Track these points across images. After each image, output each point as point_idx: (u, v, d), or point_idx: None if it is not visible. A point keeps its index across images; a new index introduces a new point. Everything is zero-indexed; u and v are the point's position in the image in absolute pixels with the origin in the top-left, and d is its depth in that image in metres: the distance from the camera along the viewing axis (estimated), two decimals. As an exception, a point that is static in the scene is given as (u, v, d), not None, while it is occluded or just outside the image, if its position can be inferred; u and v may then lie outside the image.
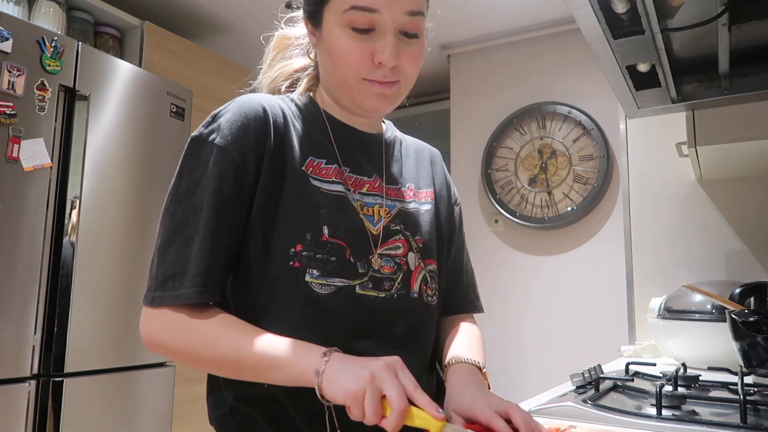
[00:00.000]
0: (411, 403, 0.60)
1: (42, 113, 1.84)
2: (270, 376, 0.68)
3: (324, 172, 0.80)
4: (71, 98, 1.96)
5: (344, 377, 0.61)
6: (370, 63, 0.76)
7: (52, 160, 1.86)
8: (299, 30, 0.91)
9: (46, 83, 1.85)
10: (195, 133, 0.76)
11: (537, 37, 2.97)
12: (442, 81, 3.35)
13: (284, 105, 0.82)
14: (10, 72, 1.75)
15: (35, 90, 1.82)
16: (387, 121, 0.95)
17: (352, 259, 0.77)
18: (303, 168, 0.78)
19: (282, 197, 0.76)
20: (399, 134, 0.96)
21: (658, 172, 1.74)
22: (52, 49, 1.87)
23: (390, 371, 0.61)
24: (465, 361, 0.81)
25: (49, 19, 2.20)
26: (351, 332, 0.76)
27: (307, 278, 0.74)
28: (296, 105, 0.84)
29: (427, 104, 3.68)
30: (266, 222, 0.76)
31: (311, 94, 0.87)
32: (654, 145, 1.75)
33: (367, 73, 0.76)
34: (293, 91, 0.88)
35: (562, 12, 2.78)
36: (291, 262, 0.74)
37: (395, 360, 0.63)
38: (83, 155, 1.96)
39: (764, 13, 0.99)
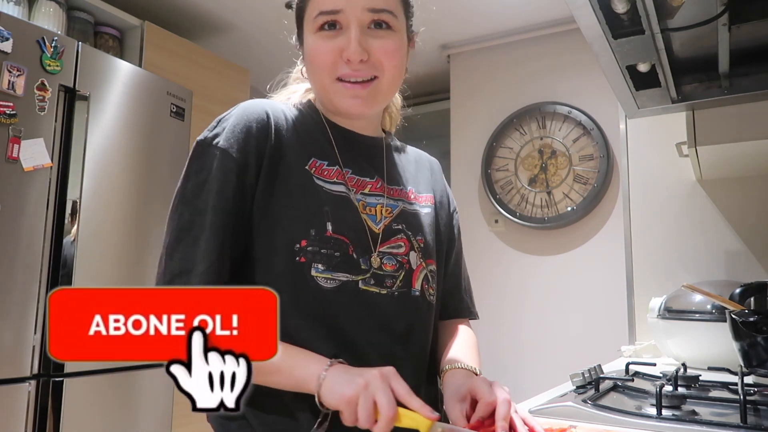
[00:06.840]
0: (404, 407, 0.64)
1: (42, 113, 1.84)
2: (271, 379, 0.71)
3: (326, 173, 0.82)
4: (71, 98, 1.95)
5: (341, 384, 0.66)
6: (339, 60, 0.79)
7: (52, 160, 1.85)
8: None
9: (46, 83, 1.84)
10: (200, 137, 0.79)
11: (537, 37, 2.97)
12: (442, 81, 3.34)
13: (287, 110, 0.85)
14: (10, 72, 1.75)
15: (35, 90, 1.82)
16: (387, 131, 0.98)
17: (355, 255, 0.79)
18: (306, 167, 0.80)
19: (285, 196, 0.78)
20: (399, 143, 0.99)
21: (658, 172, 1.74)
22: (52, 49, 1.87)
23: (383, 380, 0.65)
24: (461, 367, 0.83)
25: (49, 19, 2.20)
26: (356, 326, 0.78)
27: (313, 272, 0.76)
28: (298, 110, 0.87)
29: (427, 104, 3.68)
30: (269, 220, 0.77)
31: (311, 100, 0.91)
32: (654, 145, 1.75)
33: (339, 71, 0.80)
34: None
35: (562, 12, 2.78)
36: (297, 258, 0.76)
37: (389, 370, 0.67)
38: (83, 155, 1.96)
39: (764, 13, 0.99)
